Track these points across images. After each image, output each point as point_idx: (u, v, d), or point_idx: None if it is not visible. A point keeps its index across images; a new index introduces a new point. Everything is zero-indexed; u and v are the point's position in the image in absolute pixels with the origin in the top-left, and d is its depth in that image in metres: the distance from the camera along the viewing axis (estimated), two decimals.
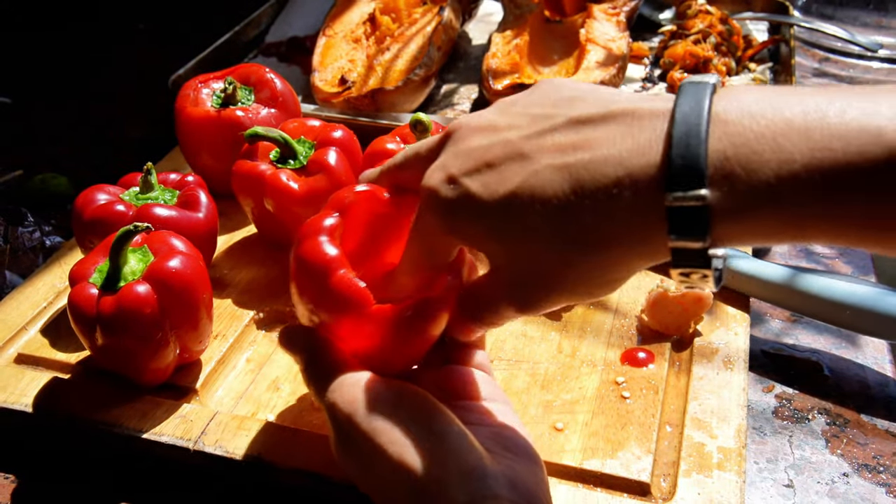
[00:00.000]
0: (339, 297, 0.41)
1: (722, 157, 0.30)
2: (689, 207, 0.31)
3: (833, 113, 0.30)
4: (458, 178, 0.37)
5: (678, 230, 0.31)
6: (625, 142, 0.33)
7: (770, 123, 0.30)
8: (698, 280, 0.34)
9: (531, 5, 0.93)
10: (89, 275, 0.50)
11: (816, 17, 1.10)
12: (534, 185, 0.34)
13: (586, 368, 0.54)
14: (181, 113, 0.68)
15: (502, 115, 0.38)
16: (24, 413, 0.51)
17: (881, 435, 0.53)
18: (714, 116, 0.31)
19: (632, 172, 0.32)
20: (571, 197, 0.33)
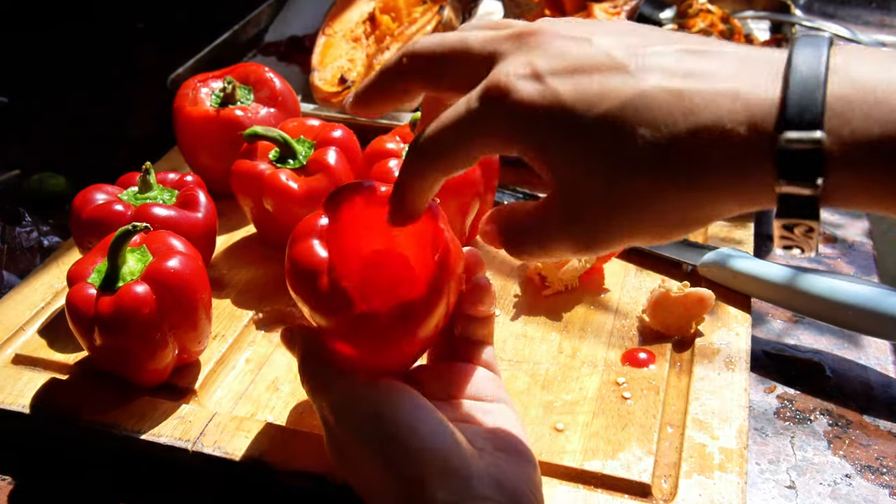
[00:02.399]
0: (327, 299, 0.41)
1: (842, 102, 0.29)
2: (803, 150, 0.29)
3: None
4: (546, 77, 0.32)
5: (789, 174, 0.30)
6: (741, 77, 0.31)
7: (892, 81, 0.29)
8: (802, 236, 0.31)
9: (531, 4, 0.93)
10: (87, 275, 0.50)
11: (818, 15, 1.10)
12: (639, 104, 0.31)
13: (587, 369, 0.54)
14: (180, 112, 0.68)
15: (594, 30, 0.33)
16: (21, 414, 0.51)
17: (884, 436, 0.53)
18: (832, 64, 0.30)
19: (748, 107, 0.30)
20: (682, 124, 0.31)
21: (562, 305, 0.60)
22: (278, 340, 0.57)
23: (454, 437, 0.38)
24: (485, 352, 0.45)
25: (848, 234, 0.73)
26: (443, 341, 0.45)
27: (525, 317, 0.59)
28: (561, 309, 0.59)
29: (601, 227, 0.33)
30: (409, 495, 0.36)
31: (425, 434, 0.38)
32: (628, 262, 0.64)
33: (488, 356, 0.46)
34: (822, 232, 0.33)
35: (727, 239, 0.66)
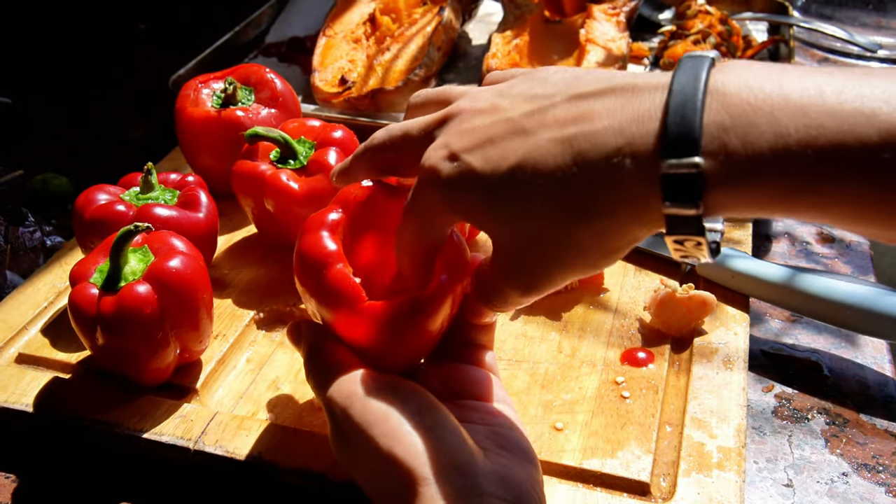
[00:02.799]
0: (334, 291, 0.41)
1: (718, 127, 0.31)
2: (683, 175, 0.31)
3: (830, 92, 0.30)
4: (460, 154, 0.37)
5: (672, 197, 0.32)
6: (624, 112, 0.33)
7: (767, 98, 0.31)
8: (693, 248, 0.34)
9: (531, 5, 0.93)
10: (90, 275, 0.50)
11: (816, 17, 1.10)
12: (536, 157, 0.35)
13: (586, 368, 0.54)
14: (181, 113, 0.68)
15: (502, 97, 0.38)
16: (24, 413, 0.51)
17: (880, 434, 0.53)
18: (712, 88, 0.32)
19: (631, 141, 0.33)
20: (573, 168, 0.34)
21: (561, 305, 0.60)
22: (279, 340, 0.58)
23: (462, 434, 0.39)
24: (486, 356, 0.46)
25: (845, 235, 0.73)
26: (443, 345, 0.45)
27: (525, 316, 0.59)
28: (560, 308, 0.60)
29: (536, 270, 0.37)
30: (415, 491, 0.36)
31: (432, 430, 0.38)
32: (627, 262, 0.64)
33: (490, 360, 0.46)
34: (717, 240, 0.36)
35: (726, 239, 0.66)
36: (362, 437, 0.38)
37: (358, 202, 0.45)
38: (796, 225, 0.75)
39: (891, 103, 0.29)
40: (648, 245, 0.65)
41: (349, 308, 0.41)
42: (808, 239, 0.73)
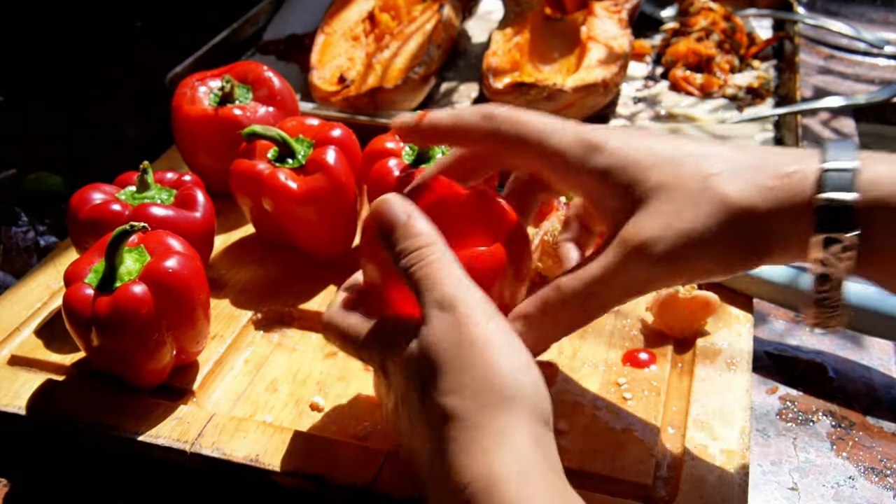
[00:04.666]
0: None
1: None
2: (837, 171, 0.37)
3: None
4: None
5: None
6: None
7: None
8: (836, 257, 0.37)
9: (532, 3, 0.92)
10: (84, 275, 0.49)
11: (821, 13, 1.09)
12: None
13: (587, 369, 0.54)
14: (178, 111, 0.68)
15: None
16: (17, 415, 0.51)
17: (887, 437, 0.53)
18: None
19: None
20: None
21: None
22: (277, 341, 0.57)
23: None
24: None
25: None
26: None
27: None
28: None
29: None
30: (497, 436, 0.34)
31: (517, 368, 0.37)
32: None
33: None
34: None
35: None
36: (438, 384, 0.36)
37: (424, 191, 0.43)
38: None
39: None
40: None
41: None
42: None
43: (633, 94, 0.88)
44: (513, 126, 0.41)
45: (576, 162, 0.41)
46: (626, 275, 0.39)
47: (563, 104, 0.78)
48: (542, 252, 0.59)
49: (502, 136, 0.42)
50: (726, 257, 0.39)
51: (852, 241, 0.36)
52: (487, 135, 0.42)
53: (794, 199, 0.37)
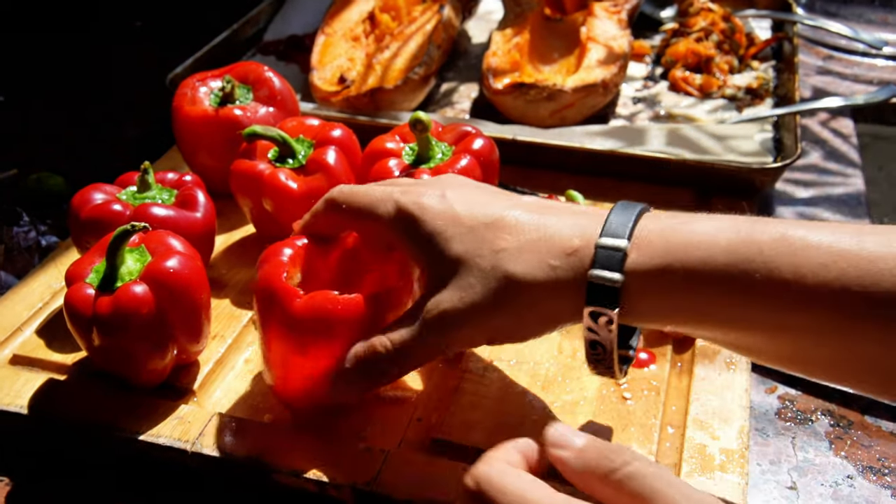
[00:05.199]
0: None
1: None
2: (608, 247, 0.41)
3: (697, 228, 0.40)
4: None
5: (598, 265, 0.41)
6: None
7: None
8: (604, 328, 0.41)
9: (532, 3, 0.93)
10: (86, 275, 0.50)
11: (820, 14, 1.10)
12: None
13: (587, 369, 0.54)
14: (179, 112, 0.68)
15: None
16: (19, 415, 0.51)
17: (885, 437, 0.53)
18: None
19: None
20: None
21: None
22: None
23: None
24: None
25: None
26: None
27: None
28: None
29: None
30: None
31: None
32: None
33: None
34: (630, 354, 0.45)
35: None
36: None
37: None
38: None
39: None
40: None
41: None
42: None
43: (633, 95, 0.89)
44: (348, 201, 0.47)
45: (394, 229, 0.45)
46: (427, 340, 0.43)
47: (563, 104, 0.79)
48: None
49: (342, 210, 0.47)
50: (509, 327, 0.43)
51: (614, 316, 0.40)
52: (334, 215, 0.48)
53: (572, 277, 0.41)
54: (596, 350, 0.42)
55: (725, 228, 0.39)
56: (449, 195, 0.45)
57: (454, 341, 0.44)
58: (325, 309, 0.45)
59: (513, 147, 0.73)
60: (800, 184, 0.80)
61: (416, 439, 0.49)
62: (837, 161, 0.83)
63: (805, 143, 0.84)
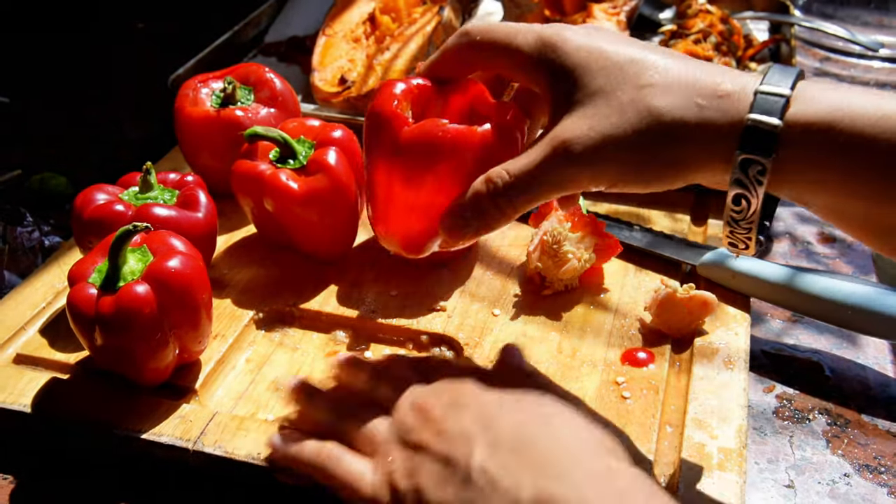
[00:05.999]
0: None
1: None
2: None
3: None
4: None
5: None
6: None
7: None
8: (752, 182, 0.38)
9: (531, 5, 0.93)
10: (88, 275, 0.50)
11: (817, 16, 1.10)
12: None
13: (586, 368, 0.54)
14: (180, 112, 0.68)
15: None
16: (22, 413, 0.51)
17: (882, 435, 0.53)
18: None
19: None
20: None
21: (561, 305, 0.60)
22: (279, 340, 0.58)
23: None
24: None
25: (847, 235, 0.73)
26: None
27: (525, 317, 0.59)
28: (560, 309, 0.59)
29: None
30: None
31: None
32: (628, 262, 0.64)
33: None
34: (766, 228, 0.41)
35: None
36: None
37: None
38: (797, 224, 0.75)
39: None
40: (648, 245, 0.65)
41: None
42: (809, 239, 0.73)
43: None
44: (484, 33, 0.45)
45: (533, 60, 0.43)
46: (550, 170, 0.41)
47: None
48: (541, 252, 0.60)
49: (476, 43, 0.45)
50: (640, 165, 0.40)
51: (768, 165, 0.37)
52: (467, 50, 0.46)
53: (722, 120, 0.38)
54: (739, 206, 0.39)
55: (894, 100, 0.37)
56: (594, 33, 0.43)
57: (578, 175, 0.41)
58: (435, 136, 0.43)
59: None
60: None
61: None
62: None
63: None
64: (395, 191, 0.45)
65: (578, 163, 0.40)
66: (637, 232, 0.66)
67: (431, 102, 0.48)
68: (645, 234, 0.66)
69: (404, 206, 0.46)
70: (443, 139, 0.43)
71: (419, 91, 0.47)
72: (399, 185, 0.45)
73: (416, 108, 0.47)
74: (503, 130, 0.45)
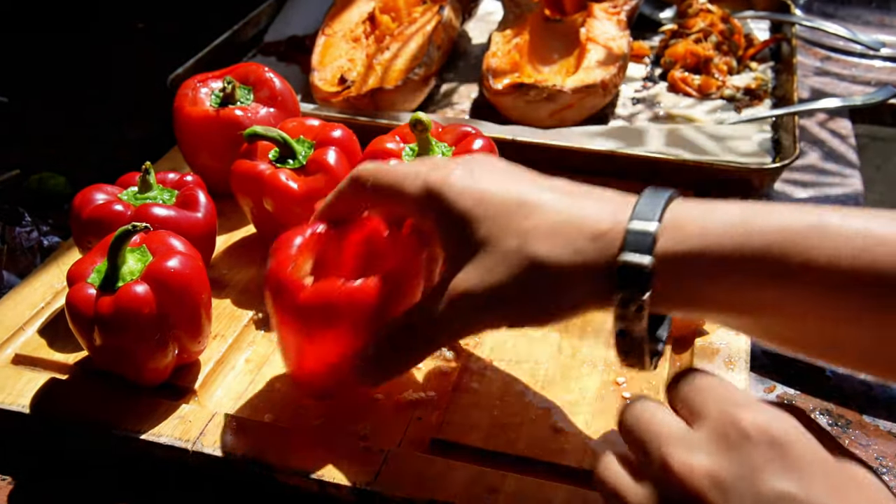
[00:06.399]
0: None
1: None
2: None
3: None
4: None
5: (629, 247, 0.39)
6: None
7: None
8: (634, 316, 0.39)
9: (531, 4, 0.93)
10: (87, 275, 0.50)
11: (818, 15, 1.10)
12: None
13: (587, 369, 0.54)
14: (180, 112, 0.68)
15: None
16: (21, 414, 0.51)
17: (883, 436, 0.53)
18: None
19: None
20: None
21: None
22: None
23: None
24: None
25: None
26: None
27: None
28: None
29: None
30: None
31: None
32: None
33: None
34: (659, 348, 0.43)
35: None
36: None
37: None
38: None
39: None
40: None
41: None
42: None
43: (632, 95, 0.89)
44: (373, 181, 0.46)
45: (421, 206, 0.45)
46: (451, 320, 0.43)
47: (563, 105, 0.79)
48: None
49: (368, 192, 0.47)
50: (530, 312, 0.42)
51: (645, 301, 0.39)
52: (358, 193, 0.48)
53: (600, 260, 0.40)
54: (625, 339, 0.41)
55: (760, 213, 0.38)
56: (477, 173, 0.44)
57: (476, 323, 0.43)
58: (331, 297, 0.45)
59: (512, 147, 0.73)
60: (798, 184, 0.80)
61: (416, 439, 0.49)
62: (835, 161, 0.84)
63: (803, 144, 0.84)
64: (301, 345, 0.47)
65: (474, 313, 0.42)
66: None
67: (330, 245, 0.50)
68: None
69: (311, 357, 0.48)
70: (338, 299, 0.45)
71: (317, 239, 0.49)
72: (303, 341, 0.47)
73: (317, 255, 0.50)
74: (399, 280, 0.47)
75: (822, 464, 0.32)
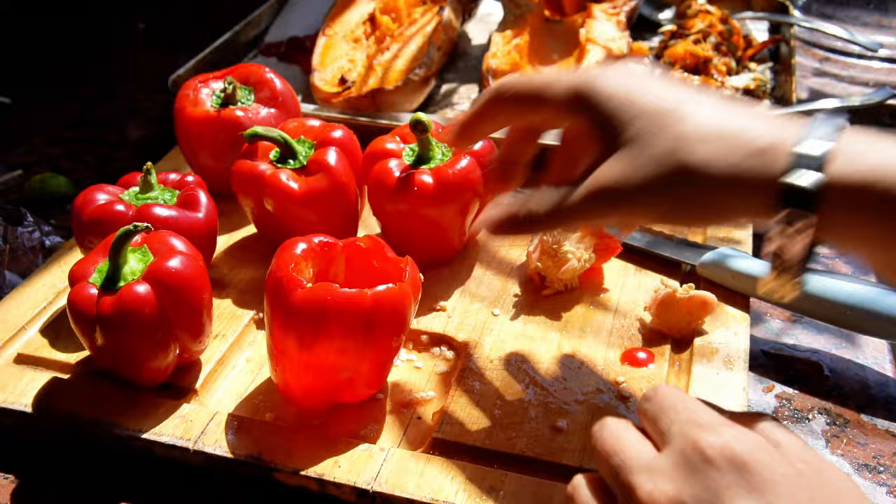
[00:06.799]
0: None
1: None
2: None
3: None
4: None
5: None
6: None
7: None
8: (793, 235, 0.38)
9: (531, 5, 0.93)
10: (89, 275, 0.50)
11: (816, 16, 1.10)
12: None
13: (587, 368, 0.54)
14: (181, 113, 0.68)
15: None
16: (23, 413, 0.51)
17: (881, 435, 0.53)
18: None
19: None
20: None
21: (561, 305, 0.60)
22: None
23: None
24: None
25: None
26: None
27: (525, 316, 0.59)
28: (560, 309, 0.59)
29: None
30: None
31: None
32: (628, 262, 0.64)
33: None
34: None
35: (726, 239, 0.66)
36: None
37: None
38: None
39: None
40: (648, 245, 0.65)
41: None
42: None
43: None
44: (514, 90, 0.46)
45: (569, 110, 0.44)
46: (587, 209, 0.43)
47: None
48: (541, 252, 0.60)
49: (507, 103, 0.47)
50: (674, 212, 0.41)
51: (810, 223, 0.37)
52: (497, 106, 0.47)
53: (758, 179, 0.38)
54: (777, 260, 0.39)
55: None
56: (624, 76, 0.43)
57: (612, 214, 0.43)
58: (324, 300, 0.45)
59: None
60: None
61: (416, 439, 0.50)
62: None
63: None
64: (291, 350, 0.47)
65: (613, 205, 0.42)
66: (637, 232, 0.66)
67: (334, 259, 0.50)
68: (645, 234, 0.66)
69: (299, 364, 0.48)
70: (332, 303, 0.45)
71: (321, 249, 0.50)
72: (294, 345, 0.47)
73: (319, 266, 0.50)
74: (394, 294, 0.47)
75: (788, 480, 0.32)
